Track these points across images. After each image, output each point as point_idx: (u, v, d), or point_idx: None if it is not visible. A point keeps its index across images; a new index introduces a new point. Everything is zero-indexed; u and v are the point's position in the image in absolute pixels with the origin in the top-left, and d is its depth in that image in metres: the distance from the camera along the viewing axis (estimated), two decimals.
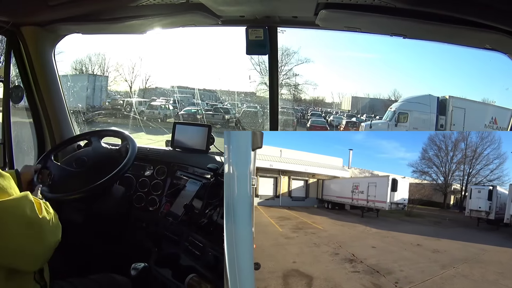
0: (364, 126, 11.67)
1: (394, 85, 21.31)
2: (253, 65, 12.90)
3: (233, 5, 1.61)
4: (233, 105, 13.45)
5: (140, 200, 1.99)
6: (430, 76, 19.34)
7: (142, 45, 17.24)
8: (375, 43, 17.77)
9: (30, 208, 1.08)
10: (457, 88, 21.25)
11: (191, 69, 19.52)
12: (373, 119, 12.90)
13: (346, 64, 21.79)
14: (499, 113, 10.38)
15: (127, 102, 12.51)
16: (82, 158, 1.76)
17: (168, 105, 12.47)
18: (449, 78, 18.96)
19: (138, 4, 1.58)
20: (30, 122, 2.19)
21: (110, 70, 14.77)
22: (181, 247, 1.71)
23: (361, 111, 15.58)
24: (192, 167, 1.98)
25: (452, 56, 15.28)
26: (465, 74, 19.24)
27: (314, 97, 16.79)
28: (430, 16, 1.36)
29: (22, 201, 1.07)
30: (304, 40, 18.27)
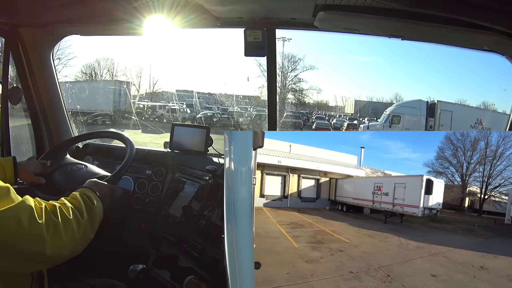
0: (362, 128, 12.92)
1: (396, 88, 21.50)
2: (261, 72, 13.26)
3: (231, 7, 1.61)
4: (244, 109, 13.97)
5: (138, 202, 1.98)
6: (430, 79, 19.49)
7: (144, 47, 17.38)
8: (379, 47, 17.91)
9: (29, 215, 0.98)
10: (455, 90, 21.37)
11: (197, 72, 19.72)
12: (371, 121, 14.03)
13: (350, 68, 22.03)
14: (484, 115, 11.71)
15: (147, 106, 13.13)
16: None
17: (186, 109, 13.07)
18: (448, 79, 19.07)
19: (136, 6, 1.58)
20: (28, 124, 2.18)
21: (118, 75, 15.19)
22: (180, 248, 1.71)
23: (363, 115, 16.61)
24: (190, 168, 1.98)
25: (450, 58, 15.39)
26: (463, 75, 19.38)
27: (318, 101, 17.66)
28: (428, 18, 1.36)
29: (17, 209, 0.96)
30: (308, 47, 18.59)
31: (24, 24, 1.90)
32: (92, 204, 1.22)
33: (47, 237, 1.00)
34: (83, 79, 15.03)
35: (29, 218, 0.98)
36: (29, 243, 0.98)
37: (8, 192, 0.99)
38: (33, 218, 0.99)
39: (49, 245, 1.00)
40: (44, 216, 1.02)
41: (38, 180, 1.57)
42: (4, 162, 1.47)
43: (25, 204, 0.99)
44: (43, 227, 1.00)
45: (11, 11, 1.71)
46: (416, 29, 1.48)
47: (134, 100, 14.24)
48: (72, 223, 1.09)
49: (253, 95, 15.59)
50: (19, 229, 0.95)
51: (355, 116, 16.59)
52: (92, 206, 1.21)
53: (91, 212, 1.19)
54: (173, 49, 15.72)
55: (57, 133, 2.20)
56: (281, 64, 15.07)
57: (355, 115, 16.94)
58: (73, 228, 1.08)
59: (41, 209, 1.03)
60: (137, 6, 1.59)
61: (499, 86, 13.29)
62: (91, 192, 1.28)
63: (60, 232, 1.04)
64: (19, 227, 0.95)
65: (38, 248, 0.99)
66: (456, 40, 1.59)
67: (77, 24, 1.82)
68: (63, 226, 1.05)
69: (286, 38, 13.42)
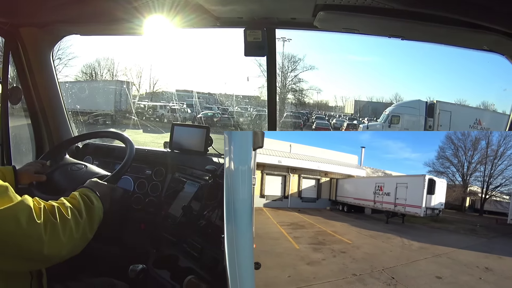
0: (362, 128, 13.01)
1: (396, 88, 21.55)
2: (261, 72, 13.31)
3: (231, 7, 1.61)
4: (244, 109, 14.05)
5: (138, 202, 1.98)
6: (430, 78, 19.54)
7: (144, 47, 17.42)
8: (379, 47, 17.95)
9: (27, 215, 0.98)
10: (455, 90, 21.40)
11: (197, 72, 19.73)
12: (371, 121, 14.11)
13: (350, 68, 22.09)
14: (483, 115, 11.73)
15: (148, 106, 13.20)
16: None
17: (187, 109, 13.12)
18: (448, 79, 19.10)
19: (136, 6, 1.58)
20: (28, 124, 2.18)
21: (118, 75, 15.25)
22: (179, 248, 1.71)
23: (363, 115, 16.63)
24: (190, 168, 1.98)
25: (450, 58, 15.44)
26: (463, 75, 19.41)
27: (318, 101, 17.72)
28: (428, 18, 1.36)
29: (16, 208, 0.97)
30: (308, 47, 18.65)
31: (24, 24, 1.90)
32: (91, 204, 1.21)
33: (45, 237, 1.00)
34: (83, 79, 15.09)
35: (28, 218, 0.97)
36: (27, 242, 0.98)
37: (6, 191, 0.99)
38: (31, 218, 0.98)
39: (47, 245, 1.00)
40: (43, 216, 1.01)
41: (38, 178, 1.57)
42: (4, 170, 1.49)
43: (24, 204, 0.99)
44: (41, 227, 0.99)
45: (11, 10, 1.71)
46: (416, 29, 1.48)
47: (134, 100, 14.28)
48: (71, 223, 1.08)
49: (253, 95, 15.64)
50: (17, 229, 0.95)
51: (355, 116, 16.62)
52: (91, 206, 1.21)
53: (90, 212, 1.19)
54: (173, 49, 15.76)
55: (57, 133, 2.20)
56: (281, 64, 15.13)
57: (355, 115, 16.97)
58: (71, 229, 1.08)
59: (39, 209, 1.02)
60: (137, 6, 1.59)
61: (499, 86, 13.34)
62: (91, 192, 1.28)
63: (58, 232, 1.04)
64: (17, 226, 0.95)
65: (36, 248, 0.99)
66: (456, 40, 1.59)
67: (77, 24, 1.82)
68: (61, 226, 1.05)
69: (286, 38, 13.48)
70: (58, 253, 1.05)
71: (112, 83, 14.13)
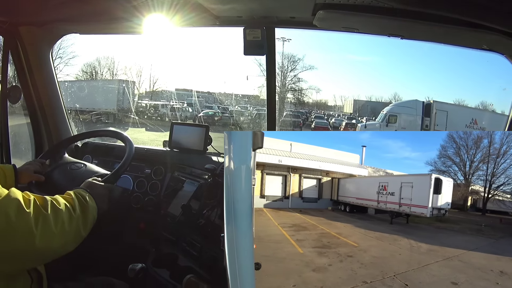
0: (360, 127, 13.15)
1: (395, 87, 21.54)
2: (261, 71, 13.37)
3: (230, 6, 1.61)
4: (244, 108, 14.12)
5: (137, 201, 1.98)
6: (429, 78, 19.53)
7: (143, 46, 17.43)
8: (378, 46, 17.97)
9: (16, 208, 0.97)
10: (454, 89, 21.40)
11: (196, 71, 19.74)
12: (369, 120, 14.21)
13: (349, 68, 22.08)
14: (478, 115, 11.91)
15: (150, 105, 13.30)
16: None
17: (188, 108, 13.17)
18: (447, 79, 19.10)
19: (136, 5, 1.58)
20: (27, 122, 2.18)
21: (118, 74, 15.27)
22: (179, 247, 1.71)
23: (362, 114, 16.76)
24: (189, 167, 1.98)
25: (450, 57, 15.43)
26: (463, 75, 19.42)
27: (317, 101, 17.81)
28: (427, 17, 1.36)
29: (4, 202, 0.96)
30: (307, 46, 18.63)
31: (23, 23, 1.90)
32: (85, 203, 1.22)
33: (35, 230, 0.99)
34: (84, 78, 15.09)
35: (16, 211, 0.96)
36: (18, 235, 0.96)
37: None
38: (20, 209, 0.97)
39: (38, 237, 0.99)
40: (32, 208, 1.00)
41: (38, 178, 1.57)
42: (5, 168, 1.48)
43: (11, 197, 0.98)
44: (31, 219, 0.99)
45: (10, 9, 1.71)
46: (415, 28, 1.48)
47: (136, 99, 14.31)
48: (63, 215, 1.08)
49: (253, 94, 15.66)
50: (7, 224, 0.95)
51: (354, 116, 16.70)
52: (85, 205, 1.21)
53: (84, 210, 1.19)
54: (172, 48, 15.77)
55: (56, 132, 2.20)
56: (280, 64, 15.15)
57: (353, 114, 17.09)
58: (63, 221, 1.07)
59: (29, 201, 1.01)
60: (136, 5, 1.58)
61: (498, 85, 13.38)
62: (86, 192, 1.28)
63: (50, 223, 1.03)
64: (7, 221, 0.94)
65: (27, 241, 0.98)
66: (456, 39, 1.59)
67: (77, 22, 1.82)
68: (53, 218, 1.04)
69: (285, 38, 13.50)
70: (50, 245, 1.03)
71: (113, 82, 14.18)
